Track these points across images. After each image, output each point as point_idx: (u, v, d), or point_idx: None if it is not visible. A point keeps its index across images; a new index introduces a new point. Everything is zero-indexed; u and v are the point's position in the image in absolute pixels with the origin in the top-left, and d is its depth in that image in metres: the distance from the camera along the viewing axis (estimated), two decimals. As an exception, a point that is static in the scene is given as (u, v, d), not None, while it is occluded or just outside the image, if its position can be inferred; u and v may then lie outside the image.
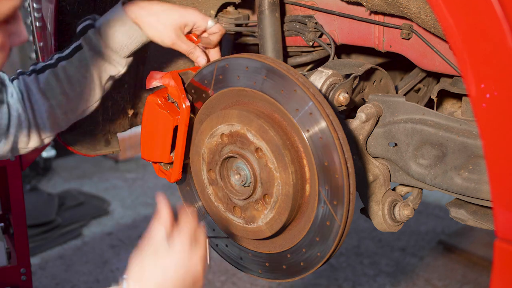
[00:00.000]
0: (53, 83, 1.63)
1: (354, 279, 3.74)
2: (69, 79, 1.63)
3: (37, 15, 1.95)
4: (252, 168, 1.55)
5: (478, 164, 1.46)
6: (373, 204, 1.63)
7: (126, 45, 1.63)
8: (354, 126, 1.60)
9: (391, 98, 1.60)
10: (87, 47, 1.63)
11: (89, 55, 1.63)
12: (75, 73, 1.63)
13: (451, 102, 1.76)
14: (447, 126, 1.51)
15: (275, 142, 1.49)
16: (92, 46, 1.62)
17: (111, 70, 1.65)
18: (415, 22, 1.53)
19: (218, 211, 1.70)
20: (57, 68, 1.64)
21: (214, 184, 1.67)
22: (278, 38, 1.76)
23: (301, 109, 1.46)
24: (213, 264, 3.92)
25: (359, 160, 1.61)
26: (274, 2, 1.72)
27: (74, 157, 6.06)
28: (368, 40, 1.75)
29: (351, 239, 4.18)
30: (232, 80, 1.58)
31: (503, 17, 1.09)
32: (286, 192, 1.50)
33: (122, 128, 2.19)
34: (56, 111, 1.65)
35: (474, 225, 1.55)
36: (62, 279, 3.84)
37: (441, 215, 4.51)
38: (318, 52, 1.86)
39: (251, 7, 1.97)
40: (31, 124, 1.64)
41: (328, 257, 1.51)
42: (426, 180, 1.55)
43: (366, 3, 1.57)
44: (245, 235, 1.65)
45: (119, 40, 1.62)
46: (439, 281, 3.67)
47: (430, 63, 1.66)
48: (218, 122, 1.59)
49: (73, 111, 1.67)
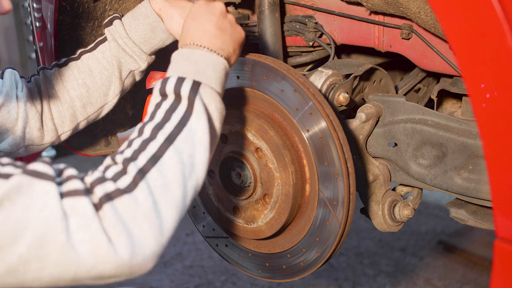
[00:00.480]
0: (74, 74, 1.66)
1: (354, 279, 3.74)
2: (91, 70, 1.66)
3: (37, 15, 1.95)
4: (252, 168, 1.56)
5: (478, 164, 1.46)
6: (373, 204, 1.63)
7: (149, 40, 1.65)
8: (354, 126, 1.60)
9: (391, 98, 1.60)
10: (110, 36, 1.65)
11: (111, 46, 1.65)
12: (97, 65, 1.66)
13: (451, 102, 1.76)
14: (447, 126, 1.51)
15: (275, 142, 1.49)
16: (115, 37, 1.64)
17: (132, 63, 1.67)
18: (415, 22, 1.53)
19: (218, 211, 1.70)
20: (80, 61, 1.67)
21: (214, 184, 1.68)
22: (278, 38, 1.76)
23: (301, 109, 1.46)
24: (213, 264, 3.92)
25: (359, 160, 1.61)
26: (274, 2, 1.72)
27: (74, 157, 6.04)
28: (368, 40, 1.75)
29: (351, 239, 4.18)
30: (232, 80, 1.59)
31: (503, 17, 1.09)
32: (286, 192, 1.50)
33: (122, 128, 2.19)
34: (75, 103, 1.66)
35: (474, 225, 1.55)
36: (62, 279, 3.85)
37: (441, 215, 4.50)
38: (318, 52, 1.86)
39: (251, 7, 1.97)
40: (46, 117, 1.64)
41: (328, 257, 1.51)
42: (426, 180, 1.55)
43: (366, 3, 1.57)
44: (245, 235, 1.65)
45: (142, 33, 1.64)
46: (439, 281, 3.67)
47: (430, 63, 1.66)
48: (218, 122, 1.58)
49: (92, 105, 1.68)
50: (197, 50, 1.29)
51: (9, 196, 0.98)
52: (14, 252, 0.97)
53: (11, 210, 0.97)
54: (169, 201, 1.08)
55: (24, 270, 0.98)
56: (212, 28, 1.32)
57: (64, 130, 1.68)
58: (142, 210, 1.05)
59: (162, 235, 1.06)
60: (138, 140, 1.15)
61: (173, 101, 1.20)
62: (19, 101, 1.59)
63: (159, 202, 1.07)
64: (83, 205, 1.02)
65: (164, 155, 1.11)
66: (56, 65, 1.69)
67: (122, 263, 1.01)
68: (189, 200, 1.13)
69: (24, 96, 1.60)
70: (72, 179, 1.05)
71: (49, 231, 0.98)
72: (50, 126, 1.65)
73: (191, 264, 3.95)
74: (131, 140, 1.16)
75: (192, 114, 1.18)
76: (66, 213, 1.00)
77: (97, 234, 1.00)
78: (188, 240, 4.25)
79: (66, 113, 1.66)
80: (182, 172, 1.12)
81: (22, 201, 0.99)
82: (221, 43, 1.31)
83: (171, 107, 1.19)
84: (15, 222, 0.97)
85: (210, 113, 1.21)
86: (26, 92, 1.61)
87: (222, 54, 1.30)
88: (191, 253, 4.09)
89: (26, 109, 1.60)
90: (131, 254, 1.02)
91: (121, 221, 1.02)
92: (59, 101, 1.65)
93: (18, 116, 1.58)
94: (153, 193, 1.07)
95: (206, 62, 1.27)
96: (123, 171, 1.09)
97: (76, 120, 1.68)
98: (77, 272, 1.00)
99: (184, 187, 1.11)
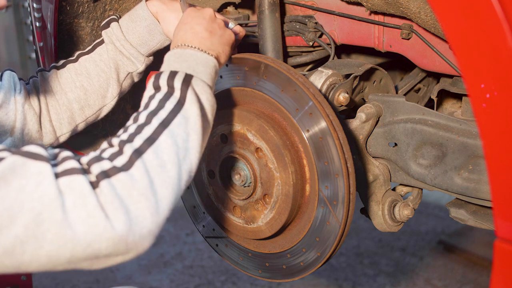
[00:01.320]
0: (72, 77, 1.66)
1: (354, 279, 3.74)
2: (88, 72, 1.66)
3: (37, 15, 1.95)
4: (252, 168, 1.56)
5: (478, 164, 1.46)
6: (373, 204, 1.63)
7: (146, 41, 1.66)
8: (354, 126, 1.60)
9: (391, 98, 1.60)
10: (108, 39, 1.66)
11: (108, 48, 1.66)
12: (94, 67, 1.67)
13: (451, 102, 1.75)
14: (447, 126, 1.51)
15: (275, 142, 1.49)
16: (112, 39, 1.66)
17: (129, 66, 1.67)
18: (415, 22, 1.53)
19: (218, 211, 1.70)
20: (78, 63, 1.68)
21: (214, 184, 1.67)
22: (278, 38, 1.75)
23: (301, 109, 1.46)
24: (213, 264, 3.92)
25: (359, 160, 1.61)
26: (274, 2, 1.72)
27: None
28: (368, 40, 1.75)
29: (351, 239, 4.18)
30: (232, 80, 1.58)
31: (503, 17, 1.09)
32: (286, 192, 1.50)
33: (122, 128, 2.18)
34: (73, 105, 1.67)
35: (474, 225, 1.55)
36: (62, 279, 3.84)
37: (441, 215, 4.50)
38: (318, 52, 1.86)
39: (251, 7, 1.97)
40: (44, 119, 1.64)
41: (328, 257, 1.51)
42: (426, 180, 1.55)
43: (366, 3, 1.57)
44: (245, 235, 1.65)
45: (139, 35, 1.65)
46: (439, 281, 3.67)
47: (430, 63, 1.66)
48: (218, 122, 1.59)
49: (90, 107, 1.69)
50: (188, 49, 1.34)
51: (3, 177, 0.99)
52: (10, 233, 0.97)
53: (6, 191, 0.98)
54: (165, 181, 1.10)
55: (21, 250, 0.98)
56: (201, 30, 1.38)
57: (63, 132, 1.69)
58: (139, 188, 1.06)
59: (158, 214, 1.07)
60: (133, 125, 1.18)
61: (166, 92, 1.24)
62: (17, 103, 1.60)
63: (155, 182, 1.09)
64: (80, 183, 1.02)
65: (159, 137, 1.14)
66: (54, 67, 1.70)
67: (119, 239, 1.02)
68: (183, 184, 1.15)
69: (23, 98, 1.61)
70: (68, 159, 1.06)
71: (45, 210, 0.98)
72: (48, 128, 1.66)
73: (191, 264, 3.95)
74: (126, 126, 1.19)
75: (185, 103, 1.22)
76: (61, 191, 1.00)
77: (94, 211, 1.01)
78: (188, 240, 4.25)
79: (64, 115, 1.67)
80: (176, 155, 1.14)
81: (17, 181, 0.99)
82: (211, 44, 1.38)
83: (165, 97, 1.22)
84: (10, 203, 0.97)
85: (202, 103, 1.25)
86: (24, 94, 1.62)
87: (212, 53, 1.36)
88: (191, 253, 4.09)
89: (24, 111, 1.60)
90: (128, 230, 1.02)
91: (118, 198, 1.03)
92: (57, 103, 1.66)
93: (16, 117, 1.59)
94: (149, 172, 1.09)
95: (197, 60, 1.32)
96: (119, 152, 1.11)
97: (74, 122, 1.69)
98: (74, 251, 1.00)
99: (179, 169, 1.13)
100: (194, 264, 3.95)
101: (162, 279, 3.78)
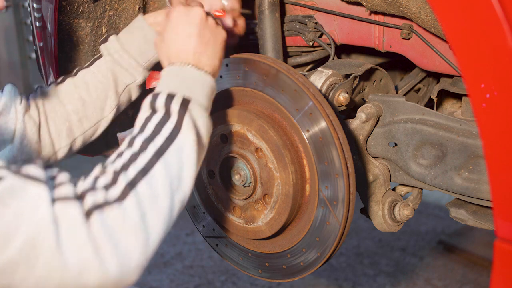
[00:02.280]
0: (70, 89, 1.68)
1: (354, 279, 3.74)
2: (86, 84, 1.68)
3: (37, 15, 1.95)
4: (252, 168, 1.56)
5: (478, 164, 1.46)
6: (373, 204, 1.63)
7: (145, 52, 1.67)
8: (354, 126, 1.60)
9: (391, 98, 1.60)
10: (106, 52, 1.68)
11: (106, 60, 1.68)
12: (92, 79, 1.68)
13: (451, 102, 1.75)
14: (447, 126, 1.51)
15: (275, 142, 1.49)
16: (110, 51, 1.67)
17: (127, 77, 1.68)
18: (415, 22, 1.53)
19: (218, 211, 1.70)
20: (76, 77, 1.69)
21: (214, 184, 1.67)
22: (278, 38, 1.75)
23: (301, 109, 1.46)
24: (213, 264, 3.92)
25: (359, 160, 1.61)
26: (274, 2, 1.72)
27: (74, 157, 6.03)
28: (368, 40, 1.75)
29: (351, 239, 4.18)
30: (232, 80, 1.58)
31: (503, 17, 1.09)
32: (286, 192, 1.50)
33: (122, 128, 2.18)
34: (71, 117, 1.68)
35: (474, 225, 1.55)
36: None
37: (441, 215, 4.50)
38: (318, 52, 1.86)
39: (251, 7, 1.97)
40: (43, 130, 1.65)
41: (328, 257, 1.51)
42: (426, 180, 1.55)
43: (366, 3, 1.57)
44: (245, 235, 1.65)
45: (137, 45, 1.66)
46: (439, 281, 3.67)
47: (430, 63, 1.66)
48: (218, 122, 1.59)
49: (88, 119, 1.70)
50: (185, 68, 1.33)
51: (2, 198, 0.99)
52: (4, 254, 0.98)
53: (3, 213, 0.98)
54: (157, 213, 1.11)
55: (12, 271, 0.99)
56: (196, 44, 1.36)
57: (61, 145, 1.69)
58: (130, 222, 1.06)
59: (148, 247, 1.08)
60: (128, 151, 1.17)
61: (163, 116, 1.23)
62: (17, 113, 1.61)
63: (147, 214, 1.09)
64: (73, 212, 1.03)
65: (154, 167, 1.14)
66: (53, 83, 1.72)
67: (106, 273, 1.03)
68: (175, 214, 1.16)
69: (23, 109, 1.63)
70: (64, 185, 1.07)
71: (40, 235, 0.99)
72: (47, 140, 1.66)
73: (191, 264, 3.95)
74: (121, 151, 1.18)
75: (181, 130, 1.21)
76: (57, 217, 1.01)
77: (84, 244, 1.01)
78: (188, 240, 4.25)
79: (63, 127, 1.67)
80: (170, 186, 1.14)
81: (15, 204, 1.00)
82: (207, 59, 1.36)
83: (161, 121, 1.22)
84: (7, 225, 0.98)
85: (199, 128, 1.25)
86: (24, 105, 1.63)
87: (208, 70, 1.35)
88: (191, 253, 4.09)
89: (24, 121, 1.62)
90: (116, 265, 1.03)
91: (108, 231, 1.04)
92: (56, 115, 1.67)
93: (16, 127, 1.60)
94: (141, 205, 1.09)
95: (194, 80, 1.32)
96: (113, 181, 1.11)
97: (72, 135, 1.70)
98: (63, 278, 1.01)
99: (171, 201, 1.14)
100: (194, 264, 3.95)
101: (162, 279, 3.78)
